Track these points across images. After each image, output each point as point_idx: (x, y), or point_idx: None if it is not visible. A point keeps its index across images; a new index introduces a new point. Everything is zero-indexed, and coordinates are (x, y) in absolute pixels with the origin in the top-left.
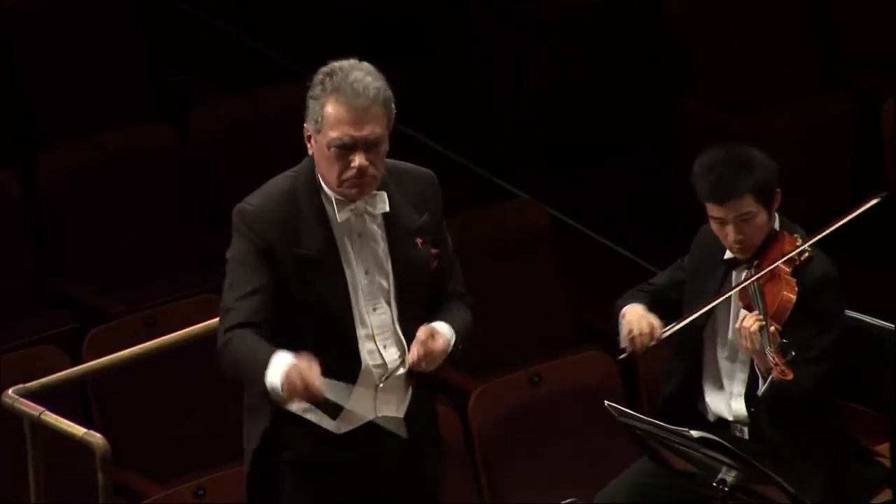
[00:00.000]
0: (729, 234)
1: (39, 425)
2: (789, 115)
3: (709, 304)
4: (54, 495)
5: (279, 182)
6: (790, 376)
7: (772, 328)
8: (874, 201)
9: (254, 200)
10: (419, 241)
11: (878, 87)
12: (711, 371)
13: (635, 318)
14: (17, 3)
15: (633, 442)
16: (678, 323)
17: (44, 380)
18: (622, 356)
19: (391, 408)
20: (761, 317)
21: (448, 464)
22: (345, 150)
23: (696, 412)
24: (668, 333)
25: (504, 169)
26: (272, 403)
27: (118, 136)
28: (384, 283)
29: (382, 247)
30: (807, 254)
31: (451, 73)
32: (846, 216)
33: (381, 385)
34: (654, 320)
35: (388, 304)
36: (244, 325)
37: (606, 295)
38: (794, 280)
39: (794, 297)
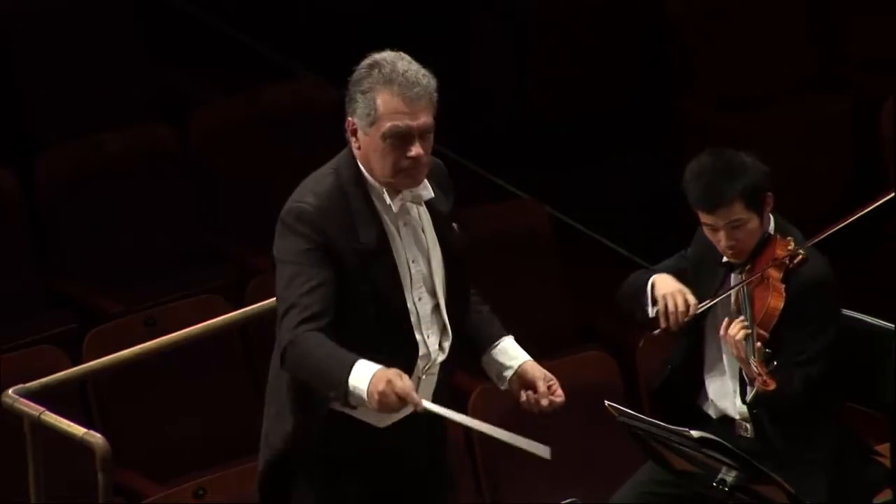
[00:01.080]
0: (721, 239)
1: (39, 425)
2: (789, 115)
3: (712, 301)
4: (54, 495)
5: (323, 179)
6: (772, 387)
7: (757, 340)
8: (888, 197)
9: (309, 199)
10: (455, 225)
11: (878, 87)
12: (717, 369)
13: (669, 290)
14: (17, 3)
15: (633, 442)
16: (712, 300)
17: (44, 380)
18: (657, 331)
19: (427, 397)
20: (747, 324)
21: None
22: (401, 139)
23: (694, 406)
24: (703, 308)
25: (504, 169)
26: (320, 402)
27: (118, 136)
28: (426, 272)
29: (429, 234)
30: (800, 256)
31: (452, 73)
32: (856, 214)
33: (424, 376)
34: (689, 294)
35: (431, 292)
36: (311, 320)
37: (606, 295)
38: (782, 287)
39: (780, 304)
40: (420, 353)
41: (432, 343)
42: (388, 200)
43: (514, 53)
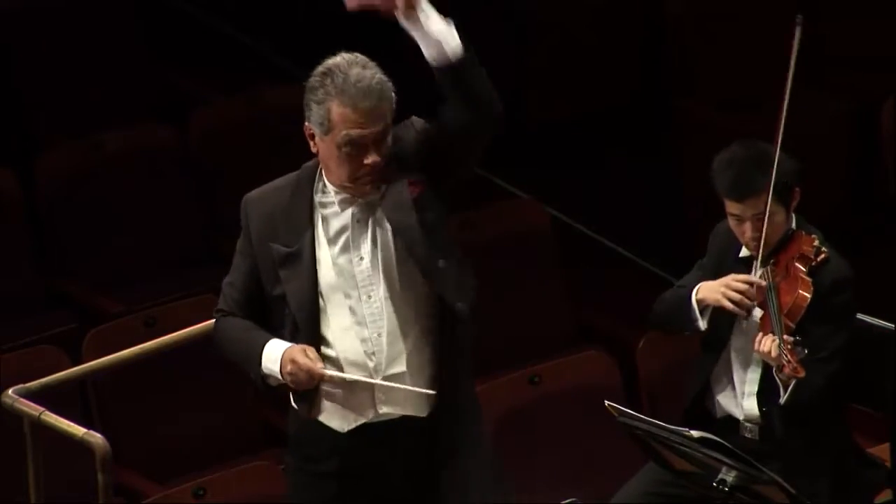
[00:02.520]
0: (746, 231)
1: (39, 425)
2: (789, 115)
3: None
4: (54, 495)
5: (288, 177)
6: (802, 374)
7: (784, 331)
8: None
9: (256, 190)
10: (412, 188)
11: (878, 87)
12: (723, 369)
13: (718, 289)
14: (17, 3)
15: (633, 442)
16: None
17: (44, 380)
18: (745, 324)
19: (396, 405)
20: (776, 338)
21: None
22: (357, 148)
23: (707, 411)
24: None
25: (504, 169)
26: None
27: (118, 136)
28: (376, 271)
29: (380, 231)
30: (824, 254)
31: None
32: None
33: (378, 379)
34: (736, 277)
35: (386, 290)
36: (228, 308)
37: (606, 295)
38: (810, 280)
39: (809, 295)
40: (367, 350)
41: (390, 342)
42: (337, 203)
43: (514, 53)
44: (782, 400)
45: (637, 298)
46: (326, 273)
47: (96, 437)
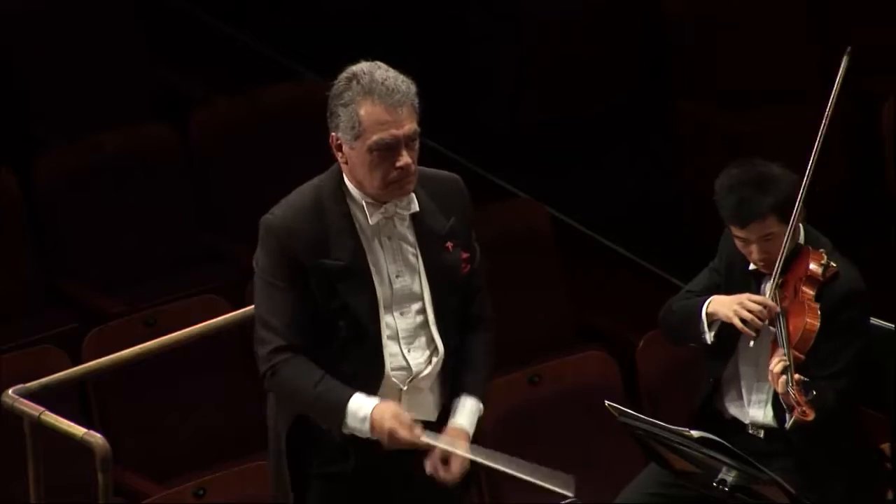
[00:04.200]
0: (753, 252)
1: (39, 425)
2: (789, 115)
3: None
4: (54, 495)
5: (304, 193)
6: (811, 417)
7: (794, 361)
8: None
9: (279, 212)
10: (450, 244)
11: (878, 87)
12: (732, 375)
13: (731, 306)
14: (18, 3)
15: (633, 442)
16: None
17: (44, 380)
18: (752, 343)
19: (423, 411)
20: (786, 357)
21: None
22: (389, 150)
23: (715, 412)
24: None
25: (504, 169)
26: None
27: (118, 136)
28: (415, 287)
29: (413, 250)
30: (832, 270)
31: (451, 73)
32: None
33: (405, 388)
34: (750, 296)
35: (420, 308)
36: (287, 349)
37: (606, 295)
38: (817, 305)
39: (817, 323)
40: (395, 366)
41: (414, 357)
42: (368, 215)
43: (514, 53)
44: (787, 425)
45: (637, 298)
46: (377, 286)
47: (96, 437)
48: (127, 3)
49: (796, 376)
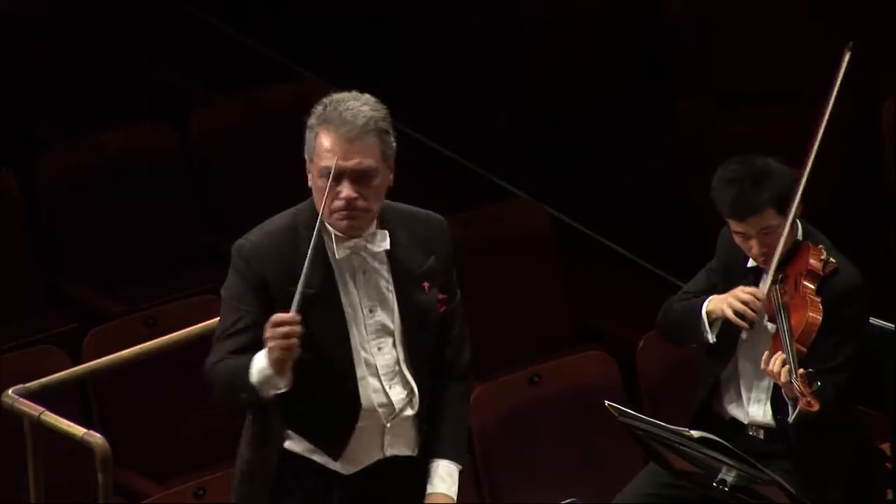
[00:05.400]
0: (752, 247)
1: (39, 425)
2: (789, 115)
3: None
4: (54, 495)
5: (280, 218)
6: (816, 407)
7: (797, 355)
8: None
9: (252, 237)
10: (426, 284)
11: (878, 87)
12: (731, 374)
13: (725, 301)
14: (18, 3)
15: (633, 442)
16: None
17: (44, 380)
18: (745, 336)
19: (404, 447)
20: (786, 352)
21: None
22: (335, 179)
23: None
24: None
25: (504, 169)
26: (271, 439)
27: (118, 136)
28: (389, 323)
29: (387, 286)
30: (832, 266)
31: (451, 73)
32: None
33: (389, 425)
34: (742, 290)
35: (395, 343)
36: (225, 356)
37: (606, 295)
38: (818, 300)
39: (819, 317)
40: (379, 402)
41: (396, 393)
42: (335, 248)
43: (514, 53)
44: (791, 418)
45: (637, 298)
46: (348, 319)
47: (96, 437)
48: (127, 3)
49: (800, 370)
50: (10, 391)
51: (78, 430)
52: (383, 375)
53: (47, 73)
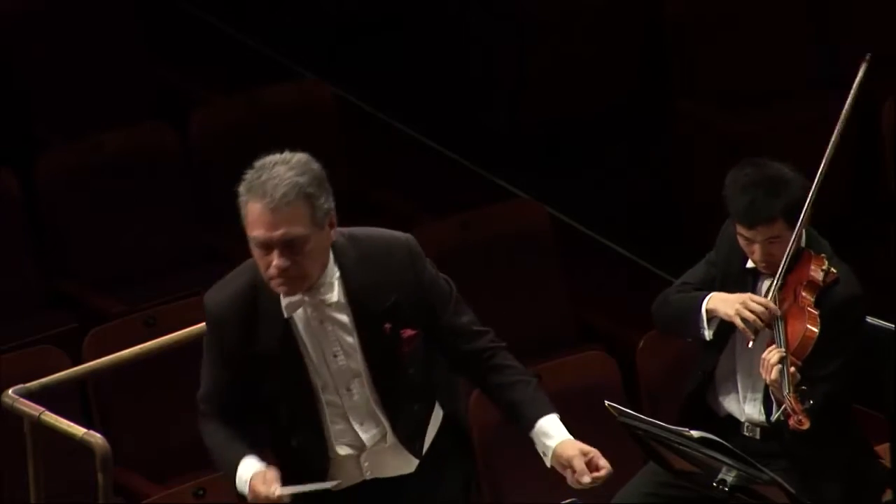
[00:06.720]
0: (756, 252)
1: (39, 425)
2: (789, 115)
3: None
4: (54, 495)
5: (241, 275)
6: (806, 426)
7: (792, 369)
8: None
9: (216, 296)
10: (388, 326)
11: (878, 87)
12: (727, 372)
13: (734, 305)
14: (18, 3)
15: (633, 442)
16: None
17: (44, 380)
18: (750, 344)
19: (396, 469)
20: (783, 350)
21: None
22: (264, 249)
23: (709, 408)
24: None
25: (504, 169)
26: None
27: (118, 136)
28: (354, 365)
29: (349, 330)
30: (832, 276)
31: (452, 73)
32: None
33: (363, 457)
34: (752, 297)
35: (364, 384)
36: (212, 415)
37: (606, 295)
38: (817, 312)
39: (817, 330)
40: (346, 441)
41: (366, 430)
42: (283, 306)
43: (514, 53)
44: (773, 417)
45: (637, 298)
46: (311, 370)
47: (96, 437)
48: (127, 3)
49: (795, 374)
50: (10, 391)
51: (78, 430)
52: (352, 416)
53: (47, 73)
